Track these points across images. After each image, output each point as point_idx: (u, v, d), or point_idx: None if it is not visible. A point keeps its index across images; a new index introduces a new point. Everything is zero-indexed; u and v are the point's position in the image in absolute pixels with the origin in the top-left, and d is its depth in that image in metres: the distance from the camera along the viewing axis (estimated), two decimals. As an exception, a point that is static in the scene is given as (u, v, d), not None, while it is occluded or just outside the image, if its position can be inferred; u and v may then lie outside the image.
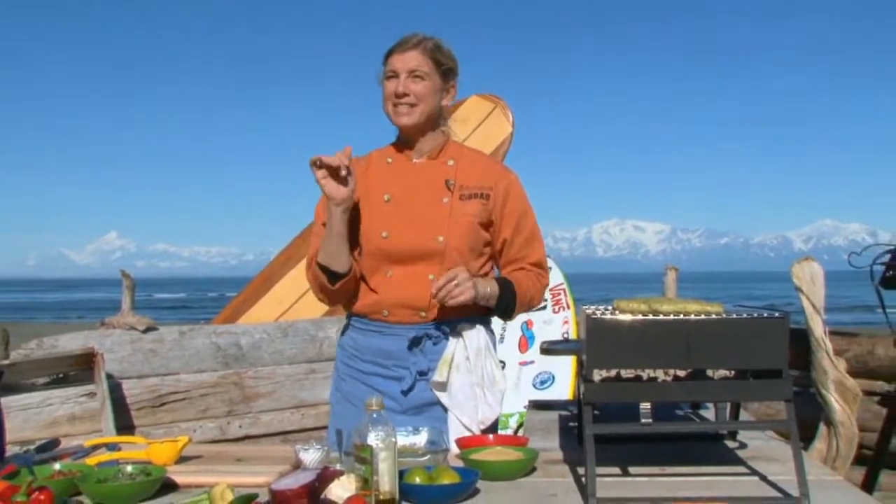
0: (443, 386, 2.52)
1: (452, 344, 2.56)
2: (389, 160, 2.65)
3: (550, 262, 6.09)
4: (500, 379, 2.59)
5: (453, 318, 2.55)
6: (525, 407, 4.21)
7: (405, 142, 2.65)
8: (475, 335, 2.58)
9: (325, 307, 5.75)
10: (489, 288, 2.49)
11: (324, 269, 2.50)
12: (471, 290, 2.39)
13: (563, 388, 5.21)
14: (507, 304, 2.54)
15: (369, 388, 2.54)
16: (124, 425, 4.57)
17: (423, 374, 2.53)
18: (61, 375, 4.64)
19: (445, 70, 2.60)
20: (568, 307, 5.35)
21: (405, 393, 2.53)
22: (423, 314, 2.53)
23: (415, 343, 2.53)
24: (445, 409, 2.53)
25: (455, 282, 2.37)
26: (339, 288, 2.52)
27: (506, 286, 2.54)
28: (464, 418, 2.49)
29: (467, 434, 2.47)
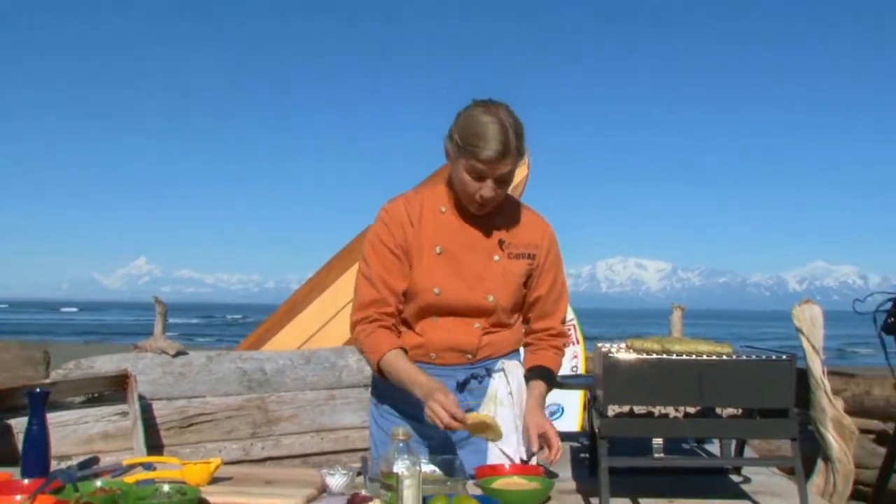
0: None
1: (496, 381, 2.54)
2: (443, 209, 2.48)
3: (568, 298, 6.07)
4: None
5: (498, 357, 2.55)
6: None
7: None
8: (516, 370, 2.57)
9: (345, 337, 5.76)
10: (545, 397, 2.53)
11: (381, 372, 2.42)
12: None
13: (572, 420, 5.18)
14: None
15: (419, 429, 2.48)
16: (154, 444, 4.57)
17: (469, 412, 2.43)
18: (96, 395, 4.65)
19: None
20: (577, 342, 5.34)
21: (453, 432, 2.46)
22: (470, 356, 2.50)
23: (463, 385, 2.51)
24: (486, 441, 2.44)
25: (557, 447, 2.36)
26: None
27: (550, 380, 2.55)
28: (509, 450, 2.44)
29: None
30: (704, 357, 1.94)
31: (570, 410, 5.20)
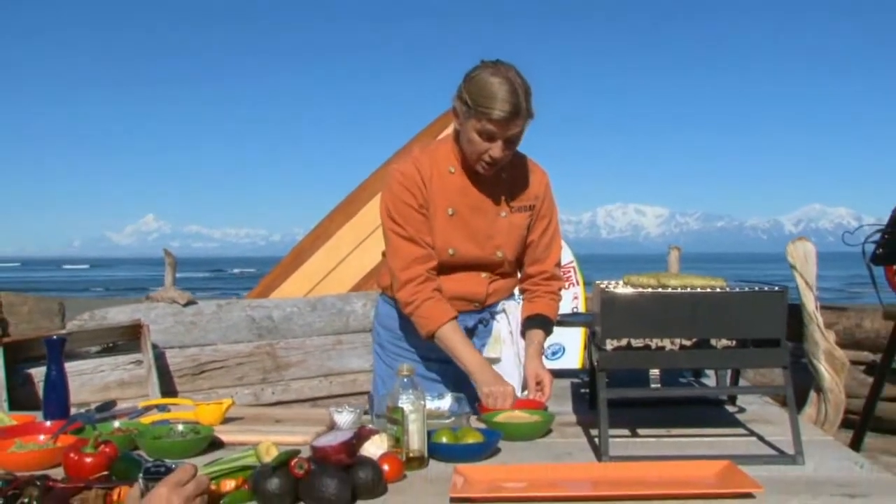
0: (497, 361, 2.56)
1: (499, 322, 2.62)
2: (451, 170, 2.47)
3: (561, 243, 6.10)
4: None
5: (500, 300, 2.62)
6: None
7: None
8: (515, 310, 2.65)
9: (351, 283, 5.79)
10: (544, 345, 2.59)
11: (431, 338, 2.45)
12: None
13: (573, 358, 5.24)
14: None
15: (423, 366, 2.56)
16: (168, 390, 4.63)
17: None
18: (111, 345, 4.70)
19: None
20: (577, 284, 5.37)
21: (458, 369, 2.53)
22: (478, 305, 2.56)
23: (472, 331, 2.57)
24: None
25: (548, 388, 2.45)
26: None
27: (548, 327, 2.60)
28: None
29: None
30: (699, 290, 1.95)
31: (570, 350, 5.25)
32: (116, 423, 2.14)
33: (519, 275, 2.68)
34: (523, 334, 2.60)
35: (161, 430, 2.05)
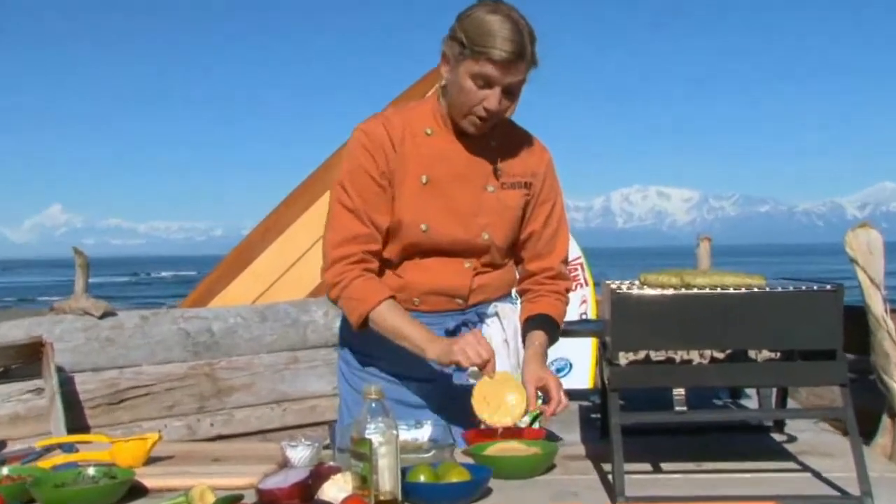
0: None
1: (490, 327, 2.61)
2: (429, 131, 2.51)
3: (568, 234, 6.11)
4: None
5: (490, 300, 2.61)
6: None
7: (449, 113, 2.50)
8: (511, 314, 2.64)
9: (310, 287, 5.78)
10: (546, 347, 2.56)
11: (365, 325, 2.45)
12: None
13: (582, 376, 5.25)
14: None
15: (399, 387, 2.56)
16: (77, 426, 4.59)
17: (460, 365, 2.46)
18: (2, 369, 4.66)
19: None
20: (586, 284, 5.38)
21: (441, 389, 2.55)
22: (461, 301, 2.56)
23: (453, 334, 2.55)
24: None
25: (562, 398, 2.41)
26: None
27: (552, 330, 2.58)
28: None
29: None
30: (732, 290, 1.97)
31: (579, 366, 5.26)
32: (5, 470, 2.13)
33: (517, 274, 2.69)
34: (523, 340, 2.60)
35: (66, 475, 2.04)
